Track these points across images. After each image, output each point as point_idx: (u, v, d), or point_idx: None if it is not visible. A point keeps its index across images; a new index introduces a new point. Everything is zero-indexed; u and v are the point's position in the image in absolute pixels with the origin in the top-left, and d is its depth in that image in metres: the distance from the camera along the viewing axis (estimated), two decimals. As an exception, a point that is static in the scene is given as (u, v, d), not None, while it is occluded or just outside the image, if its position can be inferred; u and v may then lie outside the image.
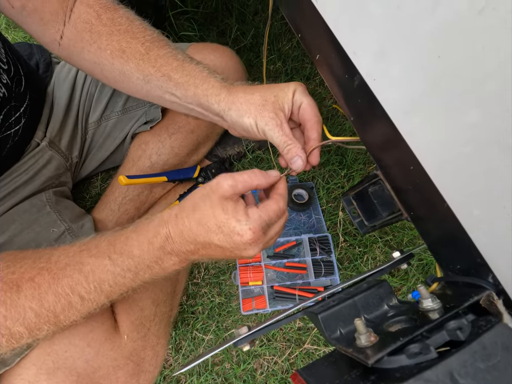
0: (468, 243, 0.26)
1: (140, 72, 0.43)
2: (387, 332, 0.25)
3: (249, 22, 1.02)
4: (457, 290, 0.27)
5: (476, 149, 0.23)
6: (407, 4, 0.23)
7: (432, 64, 0.22)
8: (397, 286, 0.78)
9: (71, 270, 0.35)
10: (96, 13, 0.43)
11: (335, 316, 0.31)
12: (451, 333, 0.21)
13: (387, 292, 0.32)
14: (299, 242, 0.80)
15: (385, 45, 0.26)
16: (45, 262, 0.36)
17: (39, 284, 0.34)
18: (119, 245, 0.36)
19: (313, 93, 0.97)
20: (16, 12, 0.42)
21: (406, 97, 0.26)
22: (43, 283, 0.35)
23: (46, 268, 0.35)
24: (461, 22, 0.20)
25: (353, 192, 0.45)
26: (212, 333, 0.72)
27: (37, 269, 0.35)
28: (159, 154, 0.69)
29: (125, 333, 0.47)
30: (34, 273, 0.35)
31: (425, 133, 0.26)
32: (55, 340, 0.42)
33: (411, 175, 0.29)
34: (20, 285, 0.34)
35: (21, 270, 0.35)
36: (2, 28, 0.98)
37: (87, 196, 0.81)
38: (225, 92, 0.40)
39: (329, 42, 0.32)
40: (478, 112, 0.21)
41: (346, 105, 0.35)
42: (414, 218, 0.32)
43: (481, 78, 0.21)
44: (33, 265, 0.36)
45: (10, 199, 0.55)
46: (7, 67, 0.50)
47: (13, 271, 0.35)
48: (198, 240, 0.34)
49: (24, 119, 0.54)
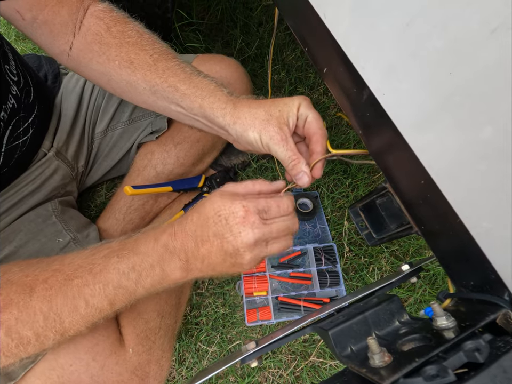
0: (482, 259, 0.25)
1: (147, 82, 0.44)
2: (401, 351, 0.25)
3: (254, 33, 1.03)
4: (471, 307, 0.27)
5: (489, 165, 0.23)
6: (417, 22, 0.23)
7: (444, 81, 0.22)
8: (404, 297, 0.77)
9: (82, 271, 0.36)
10: (106, 25, 0.44)
11: (345, 332, 0.30)
12: (469, 354, 0.20)
13: (398, 307, 0.32)
14: (304, 252, 0.79)
15: (395, 61, 0.26)
16: (58, 264, 0.37)
17: (51, 285, 0.35)
18: (128, 244, 0.37)
19: (317, 102, 0.98)
20: (26, 23, 0.42)
21: (417, 112, 0.26)
22: (55, 284, 0.35)
23: (59, 270, 0.36)
24: (473, 41, 0.20)
25: (360, 204, 0.44)
26: (216, 344, 0.71)
27: (50, 271, 0.36)
28: (165, 164, 0.69)
29: (130, 346, 0.47)
30: (47, 275, 0.35)
31: (436, 148, 0.26)
32: (60, 354, 0.41)
33: (422, 190, 0.29)
34: (33, 287, 0.34)
35: (35, 273, 0.36)
36: (12, 39, 1.00)
37: (92, 205, 0.81)
38: (231, 105, 0.40)
39: (338, 57, 0.33)
40: (490, 129, 0.21)
41: (354, 118, 0.35)
42: (425, 233, 0.32)
43: (493, 95, 0.21)
44: (46, 268, 0.36)
45: (16, 209, 0.55)
46: (17, 79, 0.51)
47: (26, 274, 0.35)
48: (197, 233, 0.34)
49: (32, 130, 0.54)
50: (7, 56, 0.49)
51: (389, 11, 0.26)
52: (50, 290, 0.34)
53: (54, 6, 0.42)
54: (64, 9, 0.43)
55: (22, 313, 0.33)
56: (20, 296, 0.34)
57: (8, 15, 0.41)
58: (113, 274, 0.35)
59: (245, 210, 0.33)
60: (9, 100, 0.48)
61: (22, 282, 0.34)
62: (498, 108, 0.20)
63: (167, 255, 0.35)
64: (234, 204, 0.33)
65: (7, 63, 0.49)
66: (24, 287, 0.34)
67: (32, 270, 0.36)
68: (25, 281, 0.35)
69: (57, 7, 0.42)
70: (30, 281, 0.35)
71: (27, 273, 0.36)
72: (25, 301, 0.34)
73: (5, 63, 0.48)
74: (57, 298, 0.34)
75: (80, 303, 0.35)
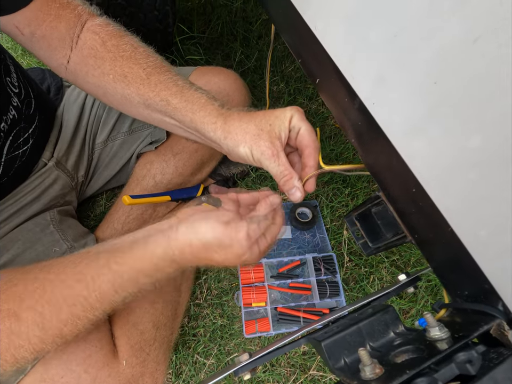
0: (475, 268, 0.25)
1: (140, 96, 0.44)
2: (393, 363, 0.24)
3: (253, 45, 1.05)
4: (466, 317, 0.26)
5: (478, 173, 0.23)
6: (404, 33, 0.24)
7: (429, 90, 0.23)
8: (406, 309, 0.75)
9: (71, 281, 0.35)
10: (102, 40, 0.45)
11: (339, 344, 0.30)
12: (460, 366, 0.20)
13: (393, 318, 0.31)
14: (303, 262, 0.78)
15: (383, 70, 0.27)
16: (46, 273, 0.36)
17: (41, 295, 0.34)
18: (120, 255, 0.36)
19: (316, 112, 0.99)
20: (25, 38, 0.44)
21: (405, 120, 0.26)
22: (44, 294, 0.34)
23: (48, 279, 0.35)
24: (457, 51, 0.20)
25: (356, 212, 0.44)
26: (214, 357, 0.69)
27: (41, 279, 0.35)
28: (164, 173, 0.70)
29: (124, 358, 0.46)
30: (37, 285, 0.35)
31: (425, 156, 0.26)
32: (51, 365, 0.41)
33: (413, 198, 0.29)
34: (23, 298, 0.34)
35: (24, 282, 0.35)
36: (19, 54, 1.03)
37: (92, 215, 0.82)
38: (222, 120, 0.40)
39: (329, 67, 0.33)
40: (477, 137, 0.21)
41: (347, 127, 0.36)
42: (419, 242, 0.31)
43: (477, 104, 0.21)
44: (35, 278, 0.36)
45: (15, 218, 0.56)
46: (18, 90, 0.52)
47: (15, 284, 0.35)
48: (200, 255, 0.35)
49: (32, 140, 0.55)
50: (9, 68, 0.51)
51: (377, 23, 0.27)
52: (41, 299, 0.34)
53: (52, 21, 0.43)
54: (62, 24, 0.43)
55: (15, 325, 0.33)
56: (10, 306, 0.33)
57: (8, 30, 0.43)
58: (106, 285, 0.35)
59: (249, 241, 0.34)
60: (10, 111, 0.49)
61: (11, 292, 0.34)
62: (484, 116, 0.21)
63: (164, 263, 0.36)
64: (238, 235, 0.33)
65: (9, 75, 0.50)
66: (14, 296, 0.34)
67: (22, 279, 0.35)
68: (15, 290, 0.34)
69: (55, 22, 0.43)
70: (19, 290, 0.34)
71: (16, 283, 0.35)
72: (16, 312, 0.33)
73: (7, 75, 0.50)
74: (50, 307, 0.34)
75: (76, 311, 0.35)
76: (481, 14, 0.19)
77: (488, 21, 0.19)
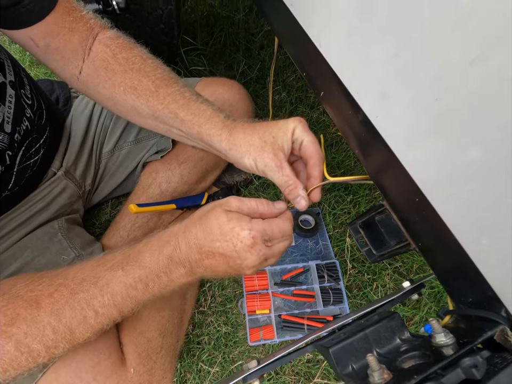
0: (478, 276, 0.26)
1: (150, 108, 0.46)
2: (401, 368, 0.25)
3: (255, 56, 1.08)
4: (470, 324, 0.27)
5: (476, 183, 0.24)
6: (404, 53, 0.25)
7: (431, 106, 0.24)
8: (409, 316, 0.76)
9: (87, 285, 0.36)
10: (112, 52, 0.47)
11: (346, 350, 0.30)
12: (466, 370, 0.21)
13: (399, 324, 0.32)
14: (306, 269, 0.79)
15: (386, 86, 0.28)
16: (62, 279, 0.37)
17: (57, 299, 0.35)
18: (132, 256, 0.38)
19: (317, 121, 1.00)
20: (40, 50, 0.45)
21: (408, 133, 0.28)
22: (61, 298, 0.36)
23: (64, 284, 0.37)
24: (455, 70, 0.21)
25: (360, 220, 0.45)
26: (218, 365, 0.69)
27: (54, 285, 0.37)
28: (169, 182, 0.71)
29: (132, 365, 0.46)
30: (52, 290, 0.36)
31: (428, 167, 0.27)
32: (61, 373, 0.41)
33: (417, 207, 0.30)
34: (39, 302, 0.35)
35: (39, 288, 0.36)
36: (26, 65, 1.05)
37: (97, 223, 0.83)
38: (227, 132, 0.41)
39: (333, 82, 0.35)
40: (475, 150, 0.22)
41: (350, 138, 0.37)
42: (422, 250, 0.32)
43: (475, 119, 0.22)
44: (50, 283, 0.37)
45: (25, 227, 0.57)
46: (31, 102, 0.54)
47: (31, 289, 0.36)
48: (203, 249, 0.36)
49: (43, 150, 0.57)
50: (23, 81, 0.53)
51: (378, 42, 0.28)
52: (57, 304, 0.35)
53: (66, 34, 0.45)
54: (75, 37, 0.45)
55: (31, 328, 0.34)
56: (27, 311, 0.34)
57: (23, 42, 0.45)
58: (120, 287, 0.36)
59: (253, 240, 0.34)
60: (24, 122, 0.51)
61: (27, 297, 0.35)
62: (481, 130, 0.22)
63: (172, 265, 0.37)
64: (243, 231, 0.34)
65: (23, 87, 0.52)
66: (31, 302, 0.35)
67: (37, 285, 0.36)
68: (31, 296, 0.35)
69: (68, 35, 0.45)
70: (35, 296, 0.35)
71: (32, 288, 0.36)
72: (32, 315, 0.34)
73: (21, 87, 0.51)
74: (65, 311, 0.35)
75: (89, 314, 0.36)
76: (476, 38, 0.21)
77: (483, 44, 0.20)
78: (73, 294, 0.36)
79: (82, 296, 0.36)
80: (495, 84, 0.19)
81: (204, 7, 1.16)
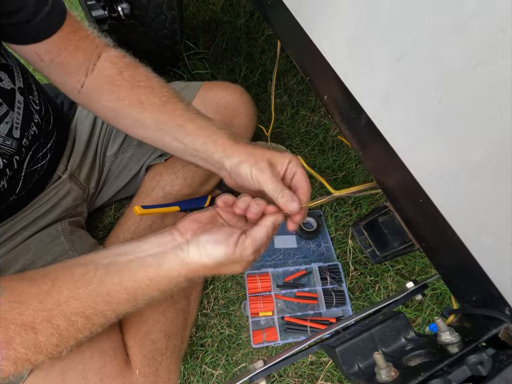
0: (482, 275, 0.26)
1: (154, 120, 0.47)
2: (407, 366, 0.25)
3: (257, 60, 1.09)
4: (474, 322, 0.27)
5: (479, 183, 0.25)
6: (407, 56, 0.26)
7: (434, 109, 0.25)
8: (412, 317, 0.76)
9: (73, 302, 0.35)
10: (119, 70, 0.49)
11: (352, 349, 0.31)
12: (472, 367, 0.21)
13: (404, 324, 0.32)
14: (309, 271, 0.79)
15: (389, 90, 0.29)
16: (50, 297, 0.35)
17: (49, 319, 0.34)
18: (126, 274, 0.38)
19: (318, 123, 1.01)
20: (44, 64, 0.46)
21: (412, 135, 0.28)
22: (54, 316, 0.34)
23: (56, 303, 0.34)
24: (458, 74, 0.22)
25: (363, 222, 0.46)
26: (222, 367, 0.69)
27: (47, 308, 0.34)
28: (172, 185, 0.72)
29: (137, 367, 0.47)
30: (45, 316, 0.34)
31: (431, 169, 0.27)
32: (68, 375, 0.42)
33: (421, 208, 0.30)
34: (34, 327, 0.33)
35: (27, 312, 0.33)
36: (31, 69, 1.06)
37: (101, 225, 0.83)
38: (231, 142, 0.44)
39: (337, 86, 0.35)
40: (478, 151, 0.23)
41: (354, 140, 0.38)
42: (426, 250, 0.33)
43: (478, 122, 0.23)
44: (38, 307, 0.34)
45: (29, 229, 0.57)
46: (39, 108, 0.54)
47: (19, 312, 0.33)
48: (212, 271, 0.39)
49: (49, 154, 0.57)
50: (31, 87, 0.53)
51: (382, 46, 0.29)
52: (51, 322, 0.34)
53: (72, 51, 0.46)
54: (80, 53, 0.47)
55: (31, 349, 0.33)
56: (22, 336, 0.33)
57: (28, 56, 0.46)
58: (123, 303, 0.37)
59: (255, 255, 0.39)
60: (31, 127, 0.51)
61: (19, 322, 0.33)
62: (484, 132, 0.22)
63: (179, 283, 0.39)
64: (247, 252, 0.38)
65: (31, 93, 0.53)
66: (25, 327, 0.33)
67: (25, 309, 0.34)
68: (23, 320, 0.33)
69: (74, 52, 0.46)
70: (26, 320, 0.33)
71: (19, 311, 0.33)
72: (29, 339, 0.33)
73: (29, 93, 0.52)
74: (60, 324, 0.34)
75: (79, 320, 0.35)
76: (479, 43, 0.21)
77: (485, 49, 0.21)
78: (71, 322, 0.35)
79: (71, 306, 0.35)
80: (497, 87, 0.20)
81: (206, 12, 1.17)
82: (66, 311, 0.34)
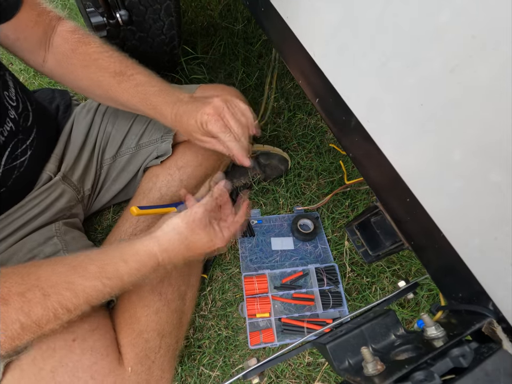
0: (466, 272, 0.27)
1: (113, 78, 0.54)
2: (394, 360, 0.26)
3: (254, 64, 1.10)
4: (460, 318, 0.28)
5: (465, 183, 0.25)
6: (389, 62, 0.27)
7: (416, 111, 0.26)
8: (408, 318, 0.76)
9: (61, 289, 0.39)
10: (71, 48, 0.54)
11: (343, 346, 0.31)
12: (454, 360, 0.22)
13: (394, 321, 0.33)
14: (306, 273, 0.80)
15: (375, 93, 0.30)
16: (34, 280, 0.39)
17: (29, 299, 0.37)
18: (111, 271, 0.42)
19: (315, 127, 1.02)
20: (11, 42, 0.51)
21: (397, 136, 0.29)
22: (33, 298, 0.37)
23: (37, 285, 0.38)
24: (437, 78, 0.23)
25: (356, 222, 0.46)
26: (219, 368, 0.70)
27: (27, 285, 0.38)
28: (169, 186, 0.72)
29: (129, 365, 0.47)
30: (23, 289, 0.37)
31: (416, 169, 0.28)
32: (58, 372, 0.42)
33: (408, 207, 0.31)
34: (7, 299, 0.36)
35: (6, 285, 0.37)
36: (31, 75, 1.08)
37: (99, 228, 0.84)
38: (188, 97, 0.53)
39: (327, 89, 0.36)
40: (459, 151, 0.24)
41: (345, 142, 0.39)
42: (415, 248, 0.33)
43: (458, 123, 0.24)
44: (21, 282, 0.38)
45: (22, 230, 0.57)
46: (15, 104, 0.55)
47: None
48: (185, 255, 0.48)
49: (30, 151, 0.58)
50: (7, 84, 0.55)
51: (367, 52, 0.30)
52: (29, 303, 0.36)
53: (33, 27, 0.51)
54: (40, 29, 0.51)
55: None
56: None
57: None
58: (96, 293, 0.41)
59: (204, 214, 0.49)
60: (7, 123, 0.52)
61: None
62: (462, 133, 0.23)
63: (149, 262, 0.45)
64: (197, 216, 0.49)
65: (7, 89, 0.54)
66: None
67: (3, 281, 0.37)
68: None
69: (35, 28, 0.51)
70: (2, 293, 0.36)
71: None
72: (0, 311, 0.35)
73: (4, 89, 0.53)
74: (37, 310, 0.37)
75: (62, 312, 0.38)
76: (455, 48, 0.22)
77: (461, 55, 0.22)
78: (47, 296, 0.37)
79: (56, 298, 0.38)
80: (473, 89, 0.21)
81: (204, 17, 1.19)
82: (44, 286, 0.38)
